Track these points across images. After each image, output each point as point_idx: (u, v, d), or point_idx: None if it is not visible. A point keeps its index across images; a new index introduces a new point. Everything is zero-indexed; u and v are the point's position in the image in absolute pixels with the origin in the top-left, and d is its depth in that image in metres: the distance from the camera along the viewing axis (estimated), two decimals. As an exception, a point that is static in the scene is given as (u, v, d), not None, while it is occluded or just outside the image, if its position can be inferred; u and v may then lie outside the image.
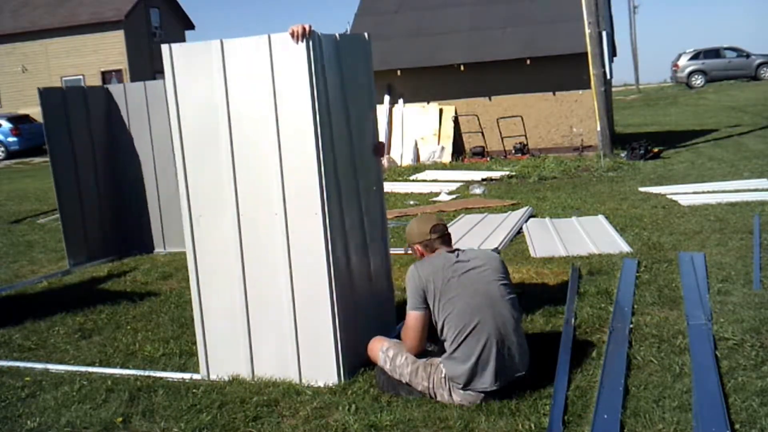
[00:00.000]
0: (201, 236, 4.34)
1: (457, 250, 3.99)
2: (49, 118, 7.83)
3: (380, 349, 4.01)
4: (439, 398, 3.79)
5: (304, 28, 3.97)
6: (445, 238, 4.01)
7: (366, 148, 4.70)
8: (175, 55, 4.25)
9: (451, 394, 3.75)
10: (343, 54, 4.42)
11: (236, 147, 4.21)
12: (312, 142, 4.03)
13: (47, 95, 7.84)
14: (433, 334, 3.87)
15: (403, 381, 3.88)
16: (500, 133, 16.18)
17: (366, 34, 4.80)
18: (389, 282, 4.97)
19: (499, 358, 3.69)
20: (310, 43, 3.98)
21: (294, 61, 4.01)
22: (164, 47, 4.28)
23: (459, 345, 3.70)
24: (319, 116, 4.06)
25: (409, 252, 4.15)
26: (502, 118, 16.14)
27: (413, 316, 3.80)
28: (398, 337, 4.15)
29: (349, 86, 4.45)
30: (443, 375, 3.76)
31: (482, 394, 3.70)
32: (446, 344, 3.77)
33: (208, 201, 4.31)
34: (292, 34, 3.97)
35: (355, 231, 4.47)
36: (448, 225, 4.19)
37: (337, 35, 4.44)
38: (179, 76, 4.26)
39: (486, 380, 3.68)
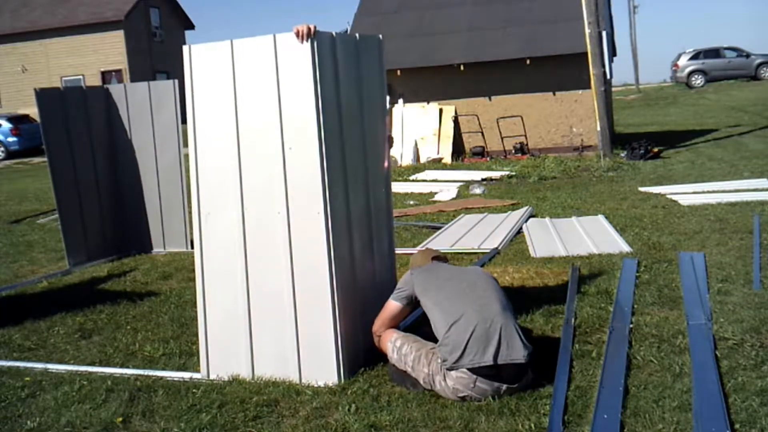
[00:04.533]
0: (208, 234, 4.35)
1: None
2: (46, 119, 7.76)
3: (389, 340, 4.12)
4: (437, 385, 3.82)
5: (309, 28, 3.97)
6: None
7: (378, 148, 4.72)
8: (194, 55, 4.28)
9: (445, 379, 3.77)
10: (359, 54, 4.46)
11: (242, 145, 4.22)
12: (315, 142, 4.04)
13: (44, 96, 7.78)
14: (430, 333, 4.00)
15: (408, 369, 3.95)
16: (500, 133, 16.19)
17: (380, 36, 4.83)
18: (393, 282, 4.97)
19: (489, 338, 3.72)
20: (315, 43, 3.99)
21: (298, 61, 4.02)
22: (185, 48, 4.32)
23: (448, 331, 3.80)
24: (328, 116, 4.07)
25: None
26: (502, 118, 16.15)
27: (392, 305, 4.20)
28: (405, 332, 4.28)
29: (363, 86, 4.50)
30: (439, 360, 3.80)
31: (475, 376, 3.69)
32: (438, 335, 3.87)
33: (216, 199, 4.32)
34: (297, 34, 3.98)
35: (360, 230, 4.48)
36: (447, 225, 4.26)
37: (357, 35, 4.53)
38: (196, 76, 4.29)
39: (478, 356, 3.70)
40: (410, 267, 4.36)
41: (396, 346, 4.05)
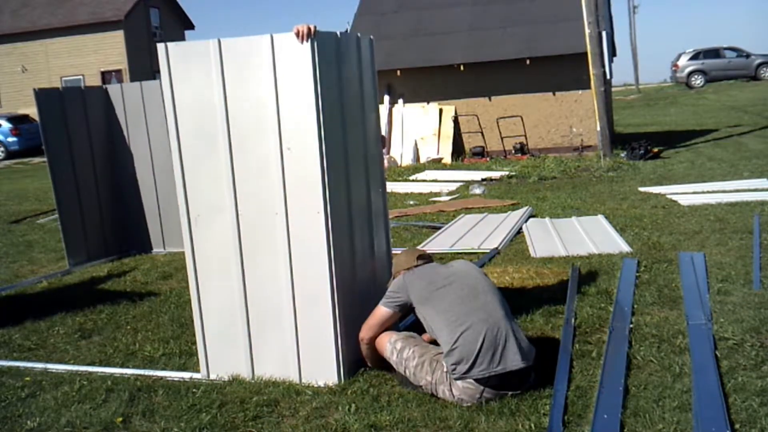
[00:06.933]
0: (200, 236, 4.33)
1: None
2: (46, 119, 7.76)
3: (389, 340, 4.04)
4: (440, 394, 3.79)
5: (309, 29, 3.94)
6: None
7: (373, 147, 4.72)
8: (171, 54, 4.23)
9: (451, 389, 3.74)
10: (356, 54, 4.47)
11: (235, 146, 4.19)
12: (315, 142, 4.02)
13: (43, 96, 7.78)
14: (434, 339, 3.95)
15: (407, 374, 3.90)
16: (500, 133, 16.18)
17: (371, 36, 4.83)
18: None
19: (497, 346, 3.70)
20: (315, 43, 3.97)
21: (297, 61, 4.00)
22: (160, 46, 4.24)
23: (456, 342, 3.71)
24: (327, 115, 4.07)
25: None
26: (501, 118, 16.14)
27: (381, 311, 4.06)
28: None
29: (360, 86, 4.52)
30: (445, 370, 3.76)
31: (482, 387, 3.68)
32: (443, 345, 3.78)
33: (207, 201, 4.30)
34: (297, 34, 3.95)
35: (359, 230, 4.48)
36: (447, 225, 4.22)
37: (358, 34, 4.54)
38: (175, 75, 4.23)
39: (488, 365, 3.67)
40: (395, 270, 4.24)
41: (396, 348, 3.98)
